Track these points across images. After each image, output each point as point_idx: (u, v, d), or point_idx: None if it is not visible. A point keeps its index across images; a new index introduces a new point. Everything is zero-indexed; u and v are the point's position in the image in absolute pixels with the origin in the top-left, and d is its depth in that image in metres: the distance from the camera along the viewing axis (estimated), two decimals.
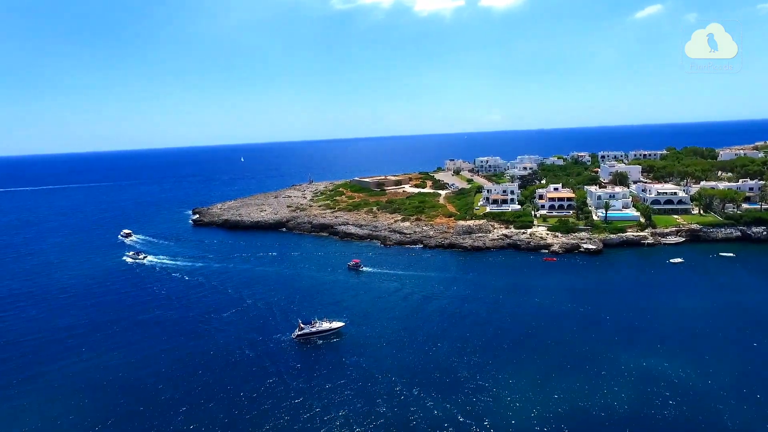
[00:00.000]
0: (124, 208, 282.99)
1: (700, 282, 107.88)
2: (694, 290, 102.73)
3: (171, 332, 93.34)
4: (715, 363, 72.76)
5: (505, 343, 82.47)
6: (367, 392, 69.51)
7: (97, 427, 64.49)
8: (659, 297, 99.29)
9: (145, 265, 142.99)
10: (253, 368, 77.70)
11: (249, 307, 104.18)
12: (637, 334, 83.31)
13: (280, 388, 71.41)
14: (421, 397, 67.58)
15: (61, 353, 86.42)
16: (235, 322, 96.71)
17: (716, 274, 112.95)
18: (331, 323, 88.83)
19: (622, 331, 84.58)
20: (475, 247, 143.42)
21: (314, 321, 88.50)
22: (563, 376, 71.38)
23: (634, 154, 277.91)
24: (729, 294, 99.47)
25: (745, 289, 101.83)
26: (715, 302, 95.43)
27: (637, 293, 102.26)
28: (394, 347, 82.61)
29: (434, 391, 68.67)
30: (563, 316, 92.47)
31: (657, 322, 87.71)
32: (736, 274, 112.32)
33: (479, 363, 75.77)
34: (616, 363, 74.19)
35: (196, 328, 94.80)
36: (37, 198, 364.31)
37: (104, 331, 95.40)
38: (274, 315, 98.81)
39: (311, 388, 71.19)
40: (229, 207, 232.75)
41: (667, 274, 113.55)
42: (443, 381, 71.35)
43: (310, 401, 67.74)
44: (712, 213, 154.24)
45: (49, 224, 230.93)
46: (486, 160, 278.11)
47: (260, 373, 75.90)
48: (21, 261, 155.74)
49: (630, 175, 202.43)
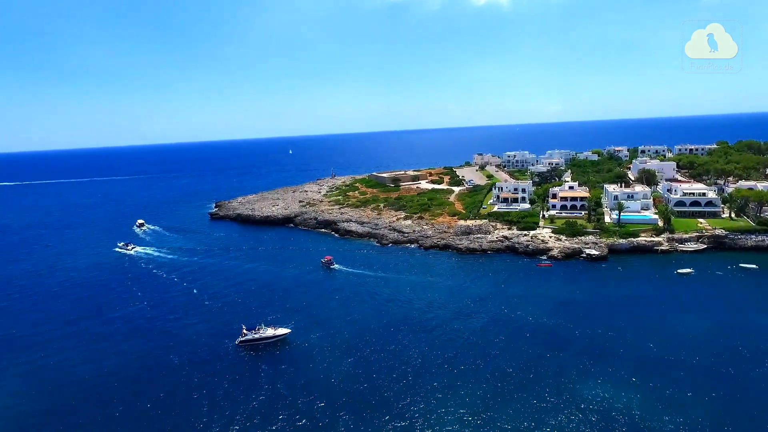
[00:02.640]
0: (156, 199, 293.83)
1: (705, 298, 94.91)
2: (694, 308, 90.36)
3: (126, 332, 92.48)
4: (689, 403, 62.45)
5: (460, 362, 74.85)
6: (286, 409, 65.03)
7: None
8: (648, 314, 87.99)
9: (131, 256, 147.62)
10: (185, 374, 75.16)
11: (208, 308, 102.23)
12: (607, 359, 73.55)
13: (196, 398, 68.40)
14: (343, 421, 62.24)
15: (20, 351, 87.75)
16: (188, 324, 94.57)
17: (727, 289, 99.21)
18: (275, 330, 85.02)
19: (592, 355, 75.03)
20: (471, 249, 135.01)
21: (258, 327, 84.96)
22: (509, 404, 63.73)
23: (679, 149, 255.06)
24: (732, 314, 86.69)
25: (754, 309, 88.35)
26: (712, 324, 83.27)
27: (624, 309, 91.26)
28: (336, 360, 77.47)
29: (358, 415, 63.16)
30: (535, 331, 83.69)
31: (637, 345, 77.24)
32: (752, 290, 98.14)
33: (418, 385, 69.06)
34: (575, 392, 65.53)
35: (150, 328, 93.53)
36: (93, 187, 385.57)
37: (65, 329, 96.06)
38: (229, 317, 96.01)
39: (230, 399, 67.66)
40: (247, 201, 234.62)
41: (669, 288, 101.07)
42: (370, 402, 65.61)
43: (223, 414, 64.24)
44: (744, 217, 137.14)
45: (84, 214, 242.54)
46: (514, 155, 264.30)
47: (189, 381, 73.23)
48: (34, 252, 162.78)
49: (663, 173, 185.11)
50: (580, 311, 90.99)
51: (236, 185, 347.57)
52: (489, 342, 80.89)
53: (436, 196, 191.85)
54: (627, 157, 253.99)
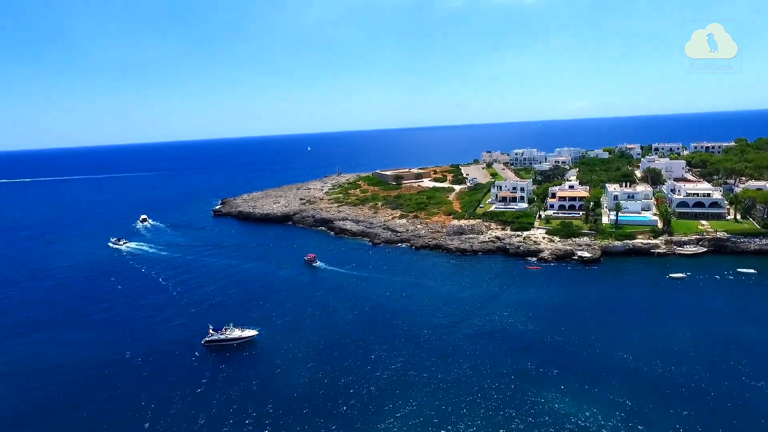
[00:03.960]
0: (167, 195, 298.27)
1: (693, 305, 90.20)
2: (679, 315, 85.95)
3: (95, 330, 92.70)
4: (651, 418, 59.11)
5: (422, 370, 72.35)
6: (234, 415, 63.94)
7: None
8: (628, 321, 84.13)
9: (121, 251, 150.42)
10: (140, 374, 74.64)
11: (184, 306, 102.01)
12: (572, 369, 70.32)
13: (144, 399, 67.79)
14: (289, 427, 60.88)
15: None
16: (160, 322, 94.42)
17: (719, 295, 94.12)
18: (242, 331, 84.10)
19: (558, 363, 71.89)
20: (461, 250, 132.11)
21: (225, 327, 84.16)
22: (462, 417, 61.31)
23: (695, 146, 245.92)
24: (718, 323, 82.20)
25: (741, 318, 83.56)
26: (694, 333, 78.99)
27: (606, 315, 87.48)
28: (299, 364, 75.94)
29: (306, 423, 61.64)
30: (504, 337, 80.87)
31: (607, 354, 73.78)
32: (745, 297, 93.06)
33: (376, 394, 66.97)
34: (534, 403, 62.75)
35: (121, 327, 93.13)
36: (109, 184, 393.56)
37: (35, 325, 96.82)
38: (203, 316, 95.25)
39: (180, 402, 66.88)
40: (251, 198, 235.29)
41: (658, 293, 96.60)
42: (322, 411, 63.93)
43: (165, 417, 63.51)
44: (750, 219, 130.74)
45: (93, 210, 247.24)
46: (521, 153, 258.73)
47: (142, 381, 72.64)
48: (35, 248, 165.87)
49: (672, 172, 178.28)
50: (558, 316, 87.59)
51: (247, 182, 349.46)
52: (455, 348, 78.36)
53: (436, 194, 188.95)
54: (639, 155, 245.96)
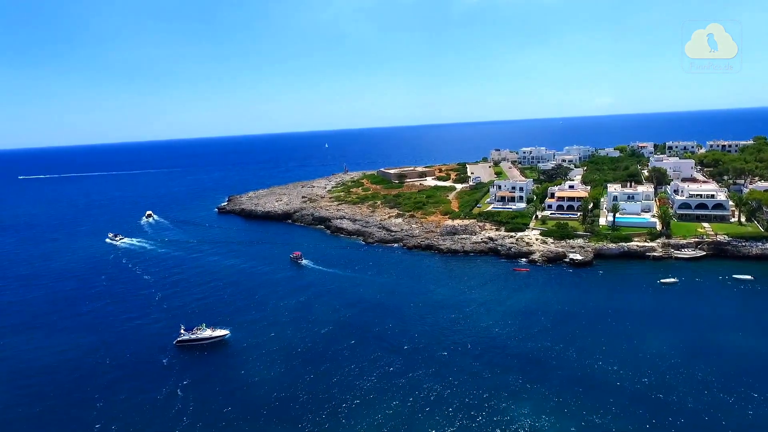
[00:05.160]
0: (178, 191, 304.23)
1: (680, 312, 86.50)
2: (663, 323, 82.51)
3: (72, 328, 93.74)
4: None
5: (391, 375, 71.24)
6: (193, 416, 63.65)
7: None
8: (608, 329, 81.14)
9: (116, 247, 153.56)
10: (106, 375, 75.03)
11: (166, 304, 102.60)
12: (542, 379, 68.02)
13: (104, 400, 68.03)
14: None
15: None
16: (136, 319, 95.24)
17: (708, 302, 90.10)
18: (213, 331, 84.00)
19: (528, 373, 69.58)
20: (452, 251, 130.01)
21: (197, 327, 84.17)
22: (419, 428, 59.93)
23: (710, 144, 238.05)
24: (703, 332, 78.72)
25: (727, 327, 79.78)
26: (675, 343, 75.58)
27: (586, 321, 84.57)
28: (267, 366, 75.00)
29: (264, 427, 60.98)
30: (476, 343, 78.84)
31: (580, 363, 71.25)
32: (735, 304, 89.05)
33: (339, 399, 65.95)
34: (496, 413, 60.97)
35: (98, 325, 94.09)
36: (125, 180, 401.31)
37: (20, 332, 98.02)
38: (182, 315, 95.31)
39: (142, 404, 66.93)
40: (256, 195, 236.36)
41: (645, 299, 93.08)
42: (282, 416, 63.14)
43: (123, 417, 63.56)
44: (755, 222, 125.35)
45: (104, 206, 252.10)
46: (529, 151, 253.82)
47: (114, 382, 73.09)
48: (39, 244, 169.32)
49: (680, 171, 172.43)
50: (535, 322, 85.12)
51: (259, 179, 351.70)
52: (426, 354, 76.72)
53: (436, 193, 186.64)
54: (652, 154, 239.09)
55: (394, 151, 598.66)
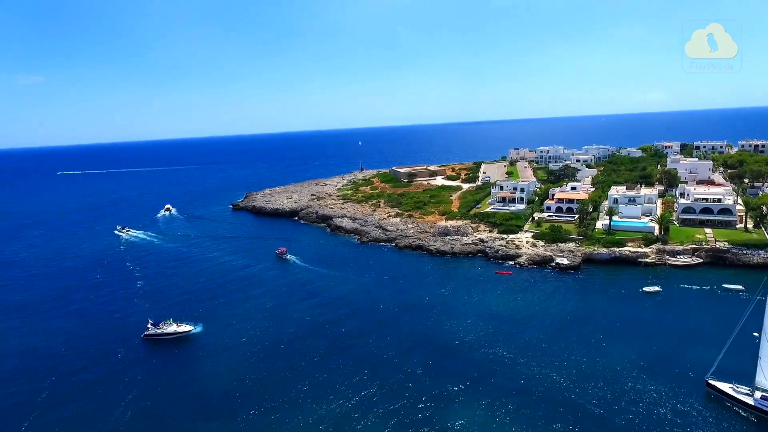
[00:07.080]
0: (204, 187, 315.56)
1: (652, 322, 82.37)
2: (629, 333, 78.87)
3: (51, 319, 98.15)
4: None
5: (347, 376, 71.11)
6: (146, 411, 65.51)
7: None
8: (570, 337, 78.41)
9: (121, 239, 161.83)
10: (70, 369, 77.99)
11: (149, 297, 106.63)
12: (483, 385, 66.58)
13: (60, 393, 71.27)
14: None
15: None
16: (113, 312, 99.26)
17: (685, 313, 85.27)
18: (179, 326, 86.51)
19: (471, 379, 68.33)
20: (441, 252, 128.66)
21: (164, 322, 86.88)
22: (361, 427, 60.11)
23: (742, 144, 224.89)
24: (666, 345, 74.56)
25: (695, 341, 75.17)
26: (633, 356, 72.09)
27: (551, 328, 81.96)
28: (231, 364, 75.80)
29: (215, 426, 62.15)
30: (429, 346, 77.96)
31: (525, 372, 69.31)
32: (713, 316, 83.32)
33: (296, 401, 66.74)
34: (432, 420, 60.35)
35: (77, 316, 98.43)
36: (162, 176, 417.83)
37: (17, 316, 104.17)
38: (160, 308, 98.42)
39: (99, 398, 69.80)
40: (270, 193, 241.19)
41: (621, 307, 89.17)
42: (245, 415, 64.39)
43: (77, 411, 66.56)
44: (762, 229, 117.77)
45: (132, 201, 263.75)
46: (547, 150, 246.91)
47: (72, 376, 75.97)
48: (60, 237, 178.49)
49: (697, 173, 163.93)
50: (498, 327, 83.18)
51: (282, 177, 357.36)
52: (374, 355, 76.45)
53: (440, 193, 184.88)
54: (677, 154, 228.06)
55: (423, 148, 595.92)
